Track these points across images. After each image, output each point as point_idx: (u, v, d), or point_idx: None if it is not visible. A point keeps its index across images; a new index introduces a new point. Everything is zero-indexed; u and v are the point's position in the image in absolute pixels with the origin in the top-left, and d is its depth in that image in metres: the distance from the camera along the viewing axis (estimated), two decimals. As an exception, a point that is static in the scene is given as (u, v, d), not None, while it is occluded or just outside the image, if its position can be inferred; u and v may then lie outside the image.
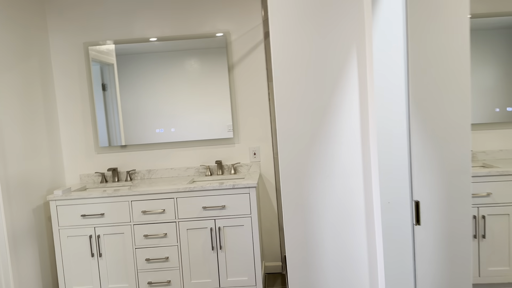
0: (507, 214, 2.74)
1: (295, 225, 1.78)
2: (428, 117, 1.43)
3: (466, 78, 1.48)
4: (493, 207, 2.74)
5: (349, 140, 1.72)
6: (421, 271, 1.39)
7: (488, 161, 3.09)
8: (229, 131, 3.25)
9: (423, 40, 1.46)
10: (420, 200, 1.32)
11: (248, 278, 2.84)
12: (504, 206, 2.74)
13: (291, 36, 1.70)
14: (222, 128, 3.25)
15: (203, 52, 3.19)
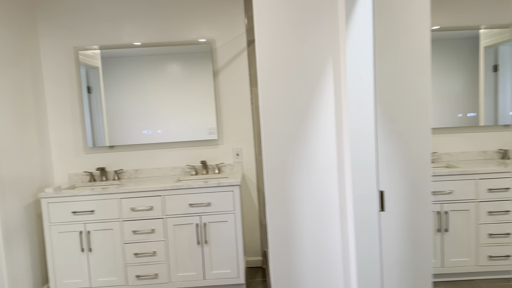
0: (468, 210, 3.01)
1: (277, 216, 1.98)
2: (393, 120, 1.65)
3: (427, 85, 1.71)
4: (455, 203, 3.00)
5: (326, 140, 1.93)
6: (386, 252, 1.60)
7: (452, 162, 3.37)
8: (211, 133, 3.42)
9: (389, 51, 1.68)
10: (385, 190, 1.53)
11: (231, 270, 3.01)
12: (465, 202, 3.00)
13: (275, 46, 1.90)
14: (207, 130, 3.42)
15: (189, 57, 3.36)
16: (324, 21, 1.90)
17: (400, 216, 1.56)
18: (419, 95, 1.69)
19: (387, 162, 1.63)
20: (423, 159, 1.71)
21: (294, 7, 1.90)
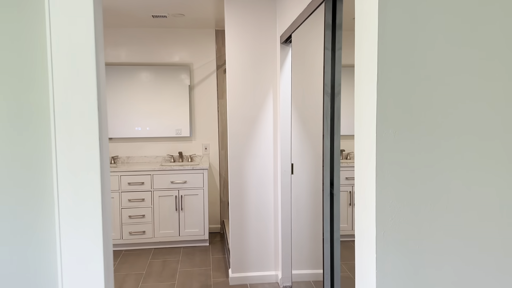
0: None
1: (235, 184, 3.10)
2: (303, 123, 2.82)
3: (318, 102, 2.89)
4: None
5: (266, 137, 3.08)
6: (295, 204, 2.76)
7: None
8: (186, 132, 4.48)
9: (297, 84, 2.86)
10: (294, 163, 2.69)
11: (199, 230, 4.09)
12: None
13: (239, 76, 3.04)
14: (183, 129, 4.48)
15: (173, 75, 4.41)
16: (269, 65, 3.07)
17: (301, 176, 2.72)
18: (315, 109, 2.88)
19: (296, 148, 2.79)
20: (317, 149, 2.90)
21: (252, 55, 3.05)
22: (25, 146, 1.11)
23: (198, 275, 3.30)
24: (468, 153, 1.19)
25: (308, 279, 2.52)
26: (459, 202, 1.19)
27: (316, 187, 2.24)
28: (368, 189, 1.21)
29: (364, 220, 1.24)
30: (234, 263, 3.14)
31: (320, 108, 2.01)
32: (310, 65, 2.19)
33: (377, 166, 1.16)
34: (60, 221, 1.08)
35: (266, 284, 3.10)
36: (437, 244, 1.19)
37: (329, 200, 1.99)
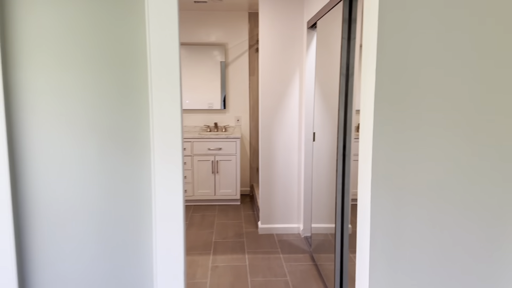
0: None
1: (264, 150, 3.56)
2: (326, 98, 3.22)
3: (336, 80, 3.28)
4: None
5: (292, 109, 3.51)
6: (316, 167, 3.20)
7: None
8: (222, 105, 4.95)
9: (321, 65, 3.24)
10: (315, 132, 3.12)
11: (232, 191, 4.61)
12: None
13: (270, 56, 3.45)
14: (219, 103, 4.95)
15: (211, 54, 4.85)
16: (296, 47, 3.46)
17: (321, 143, 3.15)
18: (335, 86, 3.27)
19: (318, 119, 3.21)
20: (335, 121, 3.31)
21: (282, 37, 3.45)
22: (133, 109, 1.60)
23: (232, 226, 3.84)
24: (440, 120, 1.59)
25: (325, 232, 2.98)
26: (433, 154, 1.61)
27: (333, 152, 2.67)
28: (367, 145, 1.64)
29: (364, 169, 1.68)
30: (262, 216, 3.64)
31: (338, 86, 2.41)
32: (331, 49, 2.58)
33: (374, 126, 1.59)
34: (155, 162, 1.57)
35: (289, 234, 3.60)
36: (415, 186, 1.62)
37: (342, 160, 2.42)
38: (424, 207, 1.64)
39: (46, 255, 1.67)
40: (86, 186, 1.63)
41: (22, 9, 1.54)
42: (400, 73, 1.56)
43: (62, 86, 1.57)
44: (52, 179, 1.62)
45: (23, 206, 1.63)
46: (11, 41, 1.55)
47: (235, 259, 3.03)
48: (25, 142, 1.60)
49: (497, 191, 1.65)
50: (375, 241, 1.64)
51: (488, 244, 1.68)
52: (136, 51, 1.57)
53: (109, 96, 1.59)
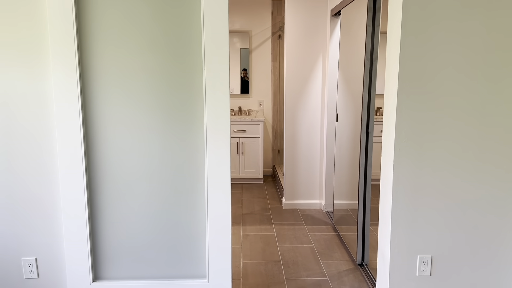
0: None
1: (289, 130, 3.79)
2: (348, 82, 3.42)
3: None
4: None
5: (315, 93, 3.72)
6: (338, 146, 3.42)
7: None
8: (245, 89, 5.18)
9: (344, 50, 3.43)
10: (338, 113, 3.33)
11: (255, 170, 4.87)
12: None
13: (295, 42, 3.65)
14: (235, 88, 5.18)
15: (236, 40, 5.06)
16: (320, 33, 3.65)
17: (344, 124, 3.36)
18: (357, 71, 3.46)
19: (341, 101, 3.41)
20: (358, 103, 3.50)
21: (306, 24, 3.64)
22: (189, 88, 1.84)
23: (258, 202, 4.10)
24: (456, 102, 1.80)
25: (346, 207, 3.21)
26: (448, 129, 1.82)
27: (355, 133, 2.88)
28: (391, 119, 1.86)
29: (388, 138, 1.90)
30: (287, 192, 3.90)
31: (361, 70, 2.61)
32: (355, 36, 2.77)
33: (397, 105, 1.80)
34: (207, 132, 1.82)
35: (312, 209, 3.85)
36: (432, 156, 1.83)
37: (365, 139, 2.64)
38: (443, 172, 1.85)
39: (116, 212, 1.95)
40: (150, 152, 1.90)
41: (96, 2, 1.78)
42: (421, 58, 1.76)
43: (130, 68, 1.82)
44: (123, 147, 1.89)
45: (96, 170, 1.91)
46: (86, 28, 1.80)
47: (263, 229, 3.29)
48: (99, 117, 1.86)
49: (503, 161, 1.85)
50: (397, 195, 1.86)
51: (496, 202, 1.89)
52: (192, 34, 1.81)
53: (169, 77, 1.84)
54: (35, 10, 1.75)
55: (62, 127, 1.79)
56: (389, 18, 1.83)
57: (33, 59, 1.78)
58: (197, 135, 1.90)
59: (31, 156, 1.87)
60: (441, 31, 1.74)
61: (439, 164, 1.84)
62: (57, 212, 1.93)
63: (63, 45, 1.73)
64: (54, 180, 1.90)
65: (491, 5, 1.73)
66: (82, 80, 1.81)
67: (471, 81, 1.78)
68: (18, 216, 1.93)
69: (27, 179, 1.89)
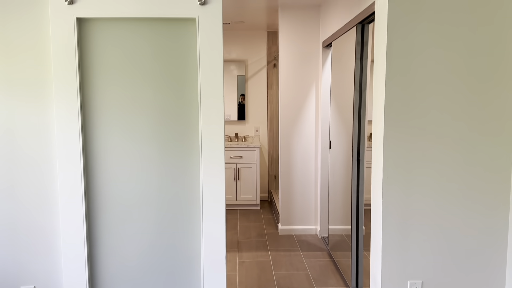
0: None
1: (284, 157, 3.87)
2: (340, 111, 3.52)
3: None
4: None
5: (309, 120, 3.82)
6: (332, 172, 3.49)
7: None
8: (234, 117, 5.29)
9: (335, 80, 3.55)
10: (331, 140, 3.41)
11: (252, 196, 4.91)
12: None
13: (289, 71, 3.78)
14: (232, 114, 5.29)
15: (232, 68, 5.21)
16: (313, 64, 3.79)
17: (337, 151, 3.44)
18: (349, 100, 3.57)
19: (333, 129, 3.50)
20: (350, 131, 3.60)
21: (300, 55, 3.78)
22: (185, 119, 1.93)
23: (254, 227, 4.13)
24: (440, 127, 1.88)
25: (341, 233, 3.25)
26: (435, 157, 1.90)
27: (348, 159, 2.96)
28: (379, 147, 1.94)
29: (376, 165, 1.97)
30: (282, 218, 3.93)
31: (352, 100, 2.72)
32: (345, 67, 2.89)
33: (384, 134, 1.88)
34: (202, 159, 1.90)
35: (307, 235, 3.88)
36: (420, 183, 1.90)
37: (356, 165, 2.71)
38: (428, 195, 1.92)
39: (113, 237, 2.00)
40: (148, 180, 1.96)
41: (97, 40, 1.89)
42: (406, 88, 1.86)
43: (129, 101, 1.91)
44: (121, 176, 1.96)
45: (95, 198, 1.97)
46: (88, 64, 1.90)
47: (259, 255, 3.32)
48: (99, 149, 1.94)
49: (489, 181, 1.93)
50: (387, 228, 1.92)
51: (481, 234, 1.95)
52: (188, 68, 1.91)
53: (167, 110, 1.93)
54: (41, 51, 1.85)
55: (63, 157, 1.87)
56: (375, 51, 1.95)
57: (38, 95, 1.88)
58: (193, 165, 1.97)
59: (34, 184, 1.93)
60: (425, 63, 1.85)
61: (427, 191, 1.91)
62: (57, 239, 1.98)
63: (66, 83, 1.83)
64: (55, 208, 1.95)
65: (471, 38, 1.84)
66: (83, 114, 1.90)
67: (456, 110, 1.87)
68: (19, 242, 1.97)
69: (29, 206, 1.95)
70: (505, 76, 1.86)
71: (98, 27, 1.87)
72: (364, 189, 2.70)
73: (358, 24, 2.45)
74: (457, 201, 1.92)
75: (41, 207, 1.95)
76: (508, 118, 1.88)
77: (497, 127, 1.88)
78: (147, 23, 1.88)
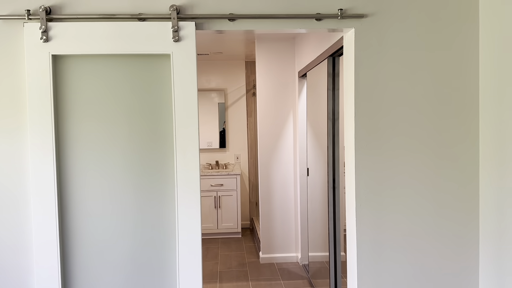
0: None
1: (264, 184, 3.90)
2: (316, 136, 3.60)
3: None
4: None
5: (288, 148, 3.88)
6: (310, 199, 3.53)
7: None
8: (222, 144, 5.32)
9: (311, 109, 3.64)
10: (309, 167, 3.47)
11: (233, 224, 4.89)
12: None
13: (267, 101, 3.86)
14: (217, 142, 5.32)
15: (213, 98, 5.28)
16: (289, 93, 3.88)
17: (315, 178, 3.50)
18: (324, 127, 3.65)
19: (311, 156, 3.57)
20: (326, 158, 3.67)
21: (277, 85, 3.87)
22: (161, 152, 1.96)
23: (235, 256, 4.10)
24: (411, 162, 1.95)
25: (322, 260, 3.26)
26: (405, 186, 1.96)
27: (325, 186, 3.00)
28: (351, 177, 1.99)
29: (350, 194, 2.02)
30: (263, 246, 3.92)
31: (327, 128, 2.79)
32: (320, 97, 2.98)
33: (356, 157, 1.94)
34: (178, 196, 1.91)
35: (288, 263, 3.87)
36: (391, 211, 1.96)
37: (332, 192, 2.76)
38: (400, 221, 1.97)
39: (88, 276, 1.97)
40: (123, 214, 1.96)
41: (72, 75, 1.92)
42: (374, 116, 1.94)
43: (104, 135, 1.93)
44: (96, 210, 1.95)
45: (69, 238, 1.95)
46: (62, 100, 1.92)
47: (240, 286, 3.28)
48: (72, 184, 1.94)
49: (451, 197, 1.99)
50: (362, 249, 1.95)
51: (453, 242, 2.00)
52: (164, 102, 1.95)
53: (142, 144, 1.95)
54: (15, 84, 1.87)
55: (37, 193, 1.85)
56: (345, 83, 2.03)
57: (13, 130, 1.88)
58: (169, 196, 1.98)
59: (7, 226, 1.90)
60: (390, 93, 1.94)
61: (398, 217, 1.96)
62: (30, 278, 1.93)
63: (41, 117, 1.84)
64: (29, 246, 1.92)
65: (435, 70, 1.95)
66: (58, 149, 1.90)
67: (422, 135, 1.95)
68: (-13, 283, 1.92)
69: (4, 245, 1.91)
70: (466, 102, 1.96)
71: (73, 63, 1.91)
72: (341, 215, 2.74)
73: (329, 56, 2.55)
74: (430, 229, 1.97)
75: (16, 245, 1.92)
76: (472, 142, 1.97)
77: (461, 150, 1.96)
78: (122, 59, 1.92)
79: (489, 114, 1.89)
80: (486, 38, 1.90)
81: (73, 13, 1.85)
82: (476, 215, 1.97)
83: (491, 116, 1.87)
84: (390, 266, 1.96)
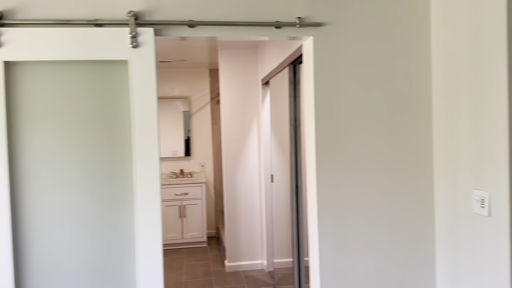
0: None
1: (229, 192, 3.89)
2: (280, 141, 3.64)
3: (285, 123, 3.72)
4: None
5: (252, 155, 3.90)
6: (275, 205, 3.56)
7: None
8: (187, 152, 5.27)
9: (275, 115, 3.69)
10: (273, 174, 3.50)
11: (198, 233, 4.83)
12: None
13: (230, 108, 3.87)
14: (179, 150, 5.27)
15: (176, 106, 5.23)
16: (253, 100, 3.91)
17: (279, 184, 3.53)
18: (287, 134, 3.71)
19: (275, 162, 3.60)
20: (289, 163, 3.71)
21: (240, 92, 3.89)
22: (119, 161, 1.91)
23: (201, 266, 4.05)
24: (365, 158, 2.02)
25: (287, 266, 3.28)
26: (363, 193, 2.01)
27: (289, 192, 3.04)
28: (313, 183, 2.03)
29: (311, 197, 2.06)
30: (229, 255, 3.90)
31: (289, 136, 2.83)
32: (282, 104, 3.03)
33: (317, 165, 1.98)
34: (138, 205, 1.87)
35: (254, 270, 3.86)
36: (350, 221, 2.01)
37: (295, 198, 2.80)
38: (359, 230, 2.02)
39: None
40: (80, 224, 1.89)
41: (26, 82, 1.85)
42: (333, 124, 1.99)
43: (60, 143, 1.87)
44: (52, 221, 1.87)
45: (23, 248, 1.86)
46: (16, 108, 1.85)
47: (205, 295, 3.24)
48: (26, 193, 1.86)
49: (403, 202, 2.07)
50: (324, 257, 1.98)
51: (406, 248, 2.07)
52: (122, 109, 1.92)
53: (99, 151, 1.90)
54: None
55: (-15, 205, 1.76)
56: (305, 90, 2.08)
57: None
58: (129, 204, 1.94)
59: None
60: (349, 100, 2.00)
61: (359, 222, 2.01)
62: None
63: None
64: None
65: (389, 76, 2.03)
66: (11, 158, 1.82)
67: (379, 145, 2.02)
68: None
69: None
70: (419, 109, 2.05)
71: (27, 70, 1.84)
72: (304, 221, 2.77)
73: (290, 64, 2.60)
74: (386, 228, 2.04)
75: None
76: (425, 150, 2.06)
77: (417, 158, 2.05)
78: (80, 65, 1.88)
79: (441, 119, 1.99)
80: (437, 47, 2.00)
81: (27, 18, 1.79)
82: (432, 221, 2.06)
83: (443, 121, 1.97)
84: (352, 270, 2.01)
